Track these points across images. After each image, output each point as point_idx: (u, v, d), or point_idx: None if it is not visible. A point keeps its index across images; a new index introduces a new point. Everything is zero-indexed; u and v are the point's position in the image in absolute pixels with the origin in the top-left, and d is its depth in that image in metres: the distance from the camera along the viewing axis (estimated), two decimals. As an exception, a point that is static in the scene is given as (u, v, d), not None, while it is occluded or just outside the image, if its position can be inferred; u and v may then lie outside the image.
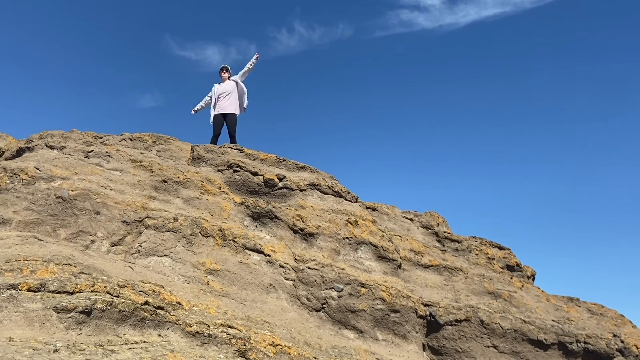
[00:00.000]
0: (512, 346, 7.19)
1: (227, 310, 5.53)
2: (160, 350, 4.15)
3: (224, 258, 6.54)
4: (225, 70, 11.08)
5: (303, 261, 6.82)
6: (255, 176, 8.03)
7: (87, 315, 4.19)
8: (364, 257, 7.31)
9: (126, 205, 6.70)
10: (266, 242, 7.07)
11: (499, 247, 9.62)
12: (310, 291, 6.55)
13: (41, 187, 6.58)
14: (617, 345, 7.45)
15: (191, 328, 4.64)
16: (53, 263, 4.81)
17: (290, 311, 6.29)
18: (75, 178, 6.96)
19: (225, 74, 11.06)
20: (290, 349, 5.01)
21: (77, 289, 4.40)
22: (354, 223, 7.59)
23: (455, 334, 7.14)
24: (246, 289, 6.31)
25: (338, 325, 6.44)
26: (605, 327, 8.11)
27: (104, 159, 7.88)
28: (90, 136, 8.56)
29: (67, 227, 6.31)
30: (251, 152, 8.77)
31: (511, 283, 8.67)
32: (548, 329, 7.41)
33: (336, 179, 8.77)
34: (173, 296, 5.15)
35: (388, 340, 6.52)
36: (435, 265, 8.34)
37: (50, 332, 3.98)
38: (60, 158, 7.47)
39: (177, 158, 8.78)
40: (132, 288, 4.80)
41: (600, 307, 8.93)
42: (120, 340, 4.16)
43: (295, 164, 8.73)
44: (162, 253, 6.33)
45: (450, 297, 7.75)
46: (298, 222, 7.36)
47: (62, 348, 3.75)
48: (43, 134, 8.26)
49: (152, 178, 7.54)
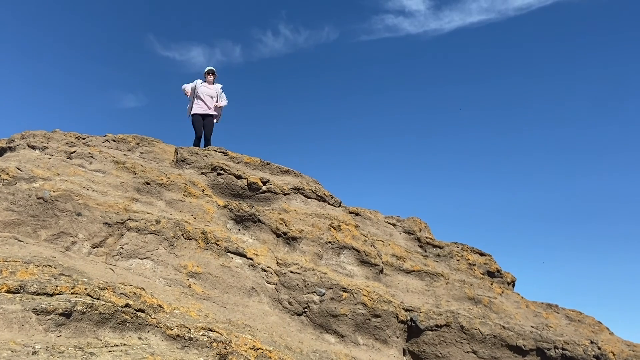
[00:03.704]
0: (491, 352, 7.27)
1: (209, 313, 5.52)
2: (140, 353, 4.14)
3: (206, 261, 6.53)
4: (212, 74, 11.07)
5: (285, 265, 6.83)
6: (239, 179, 8.03)
7: (67, 318, 4.16)
8: (346, 262, 7.35)
9: (108, 207, 6.67)
10: (249, 245, 7.07)
11: (480, 253, 9.71)
12: (292, 295, 6.56)
13: (22, 187, 6.52)
14: (594, 352, 7.56)
15: (172, 331, 4.63)
16: (33, 264, 4.77)
17: (271, 315, 6.30)
18: (57, 179, 6.91)
19: (212, 76, 11.06)
20: (271, 353, 5.02)
21: (57, 290, 4.37)
22: (336, 227, 7.63)
23: (436, 339, 7.19)
24: (228, 293, 6.31)
25: (319, 329, 6.46)
26: (583, 334, 8.23)
27: (86, 160, 7.83)
28: (73, 137, 8.50)
29: (48, 228, 6.26)
30: (235, 155, 8.77)
31: (491, 289, 8.76)
32: (527, 335, 7.49)
33: (320, 184, 8.81)
34: (154, 299, 5.14)
35: (369, 344, 6.55)
36: (417, 270, 8.40)
37: (29, 334, 3.95)
38: (42, 158, 7.42)
39: (160, 160, 8.75)
40: (112, 290, 4.78)
41: (579, 313, 9.06)
42: (100, 343, 4.14)
43: (280, 167, 8.75)
44: (144, 255, 6.31)
45: (431, 303, 7.81)
46: (281, 226, 7.38)
47: (41, 350, 3.73)
48: (25, 134, 8.19)
49: (135, 180, 7.51)
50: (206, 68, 11.14)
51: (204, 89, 10.92)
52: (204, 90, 10.91)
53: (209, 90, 10.94)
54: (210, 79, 11.04)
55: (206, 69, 11.12)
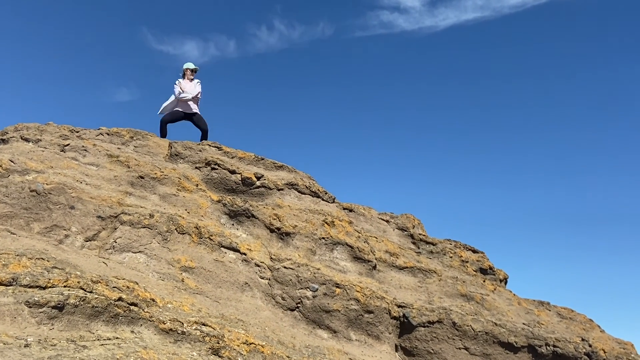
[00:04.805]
0: (483, 348, 7.30)
1: (202, 307, 5.53)
2: (132, 346, 4.14)
3: (200, 256, 6.53)
4: (193, 72, 10.95)
5: (279, 260, 6.84)
6: (233, 174, 8.02)
7: (60, 311, 4.15)
8: (340, 258, 7.36)
9: (102, 201, 6.65)
10: (242, 240, 7.07)
11: (473, 250, 9.74)
12: (285, 290, 6.57)
13: (15, 180, 6.49)
14: (585, 349, 7.61)
15: (164, 325, 4.63)
16: (26, 257, 4.76)
17: (264, 310, 6.31)
18: (51, 172, 6.88)
19: (191, 74, 10.93)
20: (264, 348, 5.02)
21: (50, 283, 4.36)
22: (330, 223, 7.64)
23: (428, 336, 7.22)
24: (221, 287, 6.31)
25: (312, 324, 6.48)
26: (574, 331, 8.28)
27: (80, 153, 7.80)
28: (67, 130, 8.46)
29: (40, 221, 6.24)
30: (229, 150, 8.76)
31: (484, 286, 8.79)
32: (518, 332, 7.53)
33: (314, 179, 8.81)
34: (147, 293, 5.14)
35: (361, 340, 6.57)
36: (410, 267, 8.43)
37: (21, 326, 3.95)
38: (36, 151, 7.38)
39: (154, 154, 8.73)
40: (105, 284, 4.77)
41: (570, 311, 9.11)
42: (93, 336, 4.14)
43: (274, 163, 8.74)
44: (137, 249, 6.30)
45: (424, 299, 7.83)
46: (275, 221, 7.38)
47: (34, 343, 3.72)
48: (18, 126, 8.14)
49: (128, 174, 7.49)
50: (190, 65, 10.94)
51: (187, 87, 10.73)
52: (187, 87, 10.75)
53: (191, 87, 10.78)
54: (191, 77, 10.90)
55: (192, 67, 10.93)
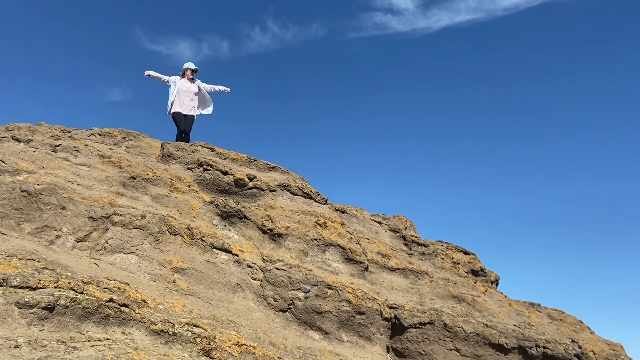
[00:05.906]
0: (474, 350, 7.33)
1: (193, 309, 5.52)
2: (123, 348, 4.13)
3: (191, 257, 6.52)
4: (194, 72, 10.94)
5: (271, 261, 6.84)
6: (225, 175, 8.02)
7: (50, 312, 4.14)
8: (332, 259, 7.37)
9: (93, 201, 6.63)
10: (234, 241, 7.07)
11: (464, 252, 9.78)
12: (277, 292, 6.58)
13: (6, 180, 6.46)
14: (575, 351, 7.65)
15: (156, 326, 4.62)
16: (16, 258, 4.74)
17: (256, 311, 6.31)
18: (42, 172, 6.86)
19: (191, 74, 10.92)
20: (255, 349, 5.03)
21: (40, 284, 4.34)
22: (322, 225, 7.65)
23: (419, 337, 7.24)
24: (213, 288, 6.31)
25: (304, 326, 6.48)
26: (565, 333, 8.33)
27: (71, 153, 7.77)
28: (58, 130, 8.43)
29: (31, 222, 6.21)
30: (222, 151, 8.75)
31: (475, 287, 8.83)
32: (509, 333, 7.57)
33: (306, 181, 8.82)
34: (138, 294, 5.13)
35: (353, 341, 6.59)
36: (402, 268, 8.45)
37: (11, 327, 3.93)
38: (27, 151, 7.35)
39: (146, 155, 8.71)
40: (96, 285, 4.76)
41: (560, 312, 9.16)
42: (83, 337, 4.13)
43: (266, 164, 8.74)
44: (129, 250, 6.28)
45: (415, 300, 7.86)
46: (267, 223, 7.38)
47: (24, 344, 3.71)
48: (9, 126, 8.11)
49: (120, 174, 7.48)
50: (191, 65, 10.93)
51: (184, 87, 10.75)
52: (184, 87, 10.76)
53: (190, 87, 10.79)
54: (190, 77, 10.89)
55: (192, 67, 10.94)
